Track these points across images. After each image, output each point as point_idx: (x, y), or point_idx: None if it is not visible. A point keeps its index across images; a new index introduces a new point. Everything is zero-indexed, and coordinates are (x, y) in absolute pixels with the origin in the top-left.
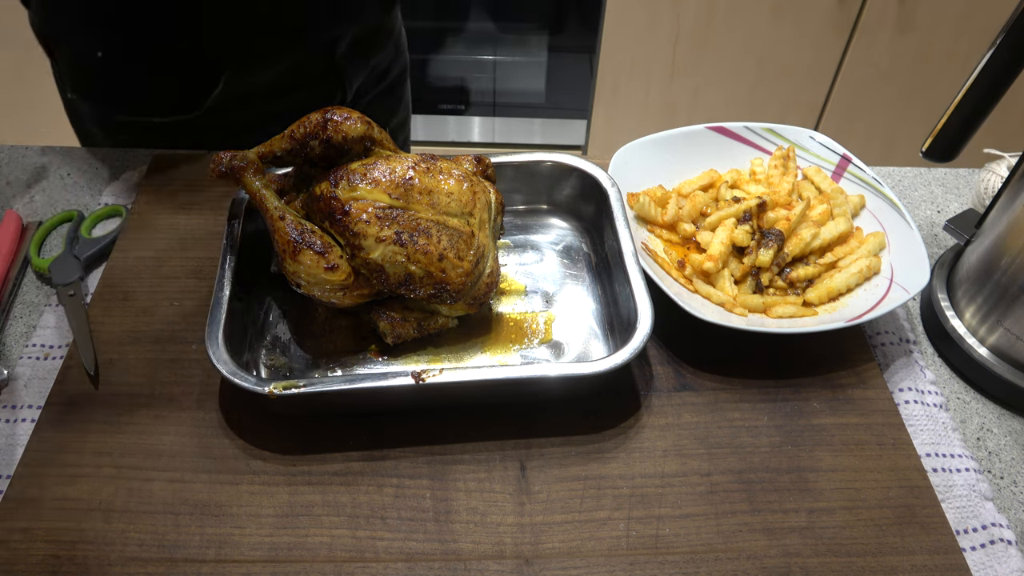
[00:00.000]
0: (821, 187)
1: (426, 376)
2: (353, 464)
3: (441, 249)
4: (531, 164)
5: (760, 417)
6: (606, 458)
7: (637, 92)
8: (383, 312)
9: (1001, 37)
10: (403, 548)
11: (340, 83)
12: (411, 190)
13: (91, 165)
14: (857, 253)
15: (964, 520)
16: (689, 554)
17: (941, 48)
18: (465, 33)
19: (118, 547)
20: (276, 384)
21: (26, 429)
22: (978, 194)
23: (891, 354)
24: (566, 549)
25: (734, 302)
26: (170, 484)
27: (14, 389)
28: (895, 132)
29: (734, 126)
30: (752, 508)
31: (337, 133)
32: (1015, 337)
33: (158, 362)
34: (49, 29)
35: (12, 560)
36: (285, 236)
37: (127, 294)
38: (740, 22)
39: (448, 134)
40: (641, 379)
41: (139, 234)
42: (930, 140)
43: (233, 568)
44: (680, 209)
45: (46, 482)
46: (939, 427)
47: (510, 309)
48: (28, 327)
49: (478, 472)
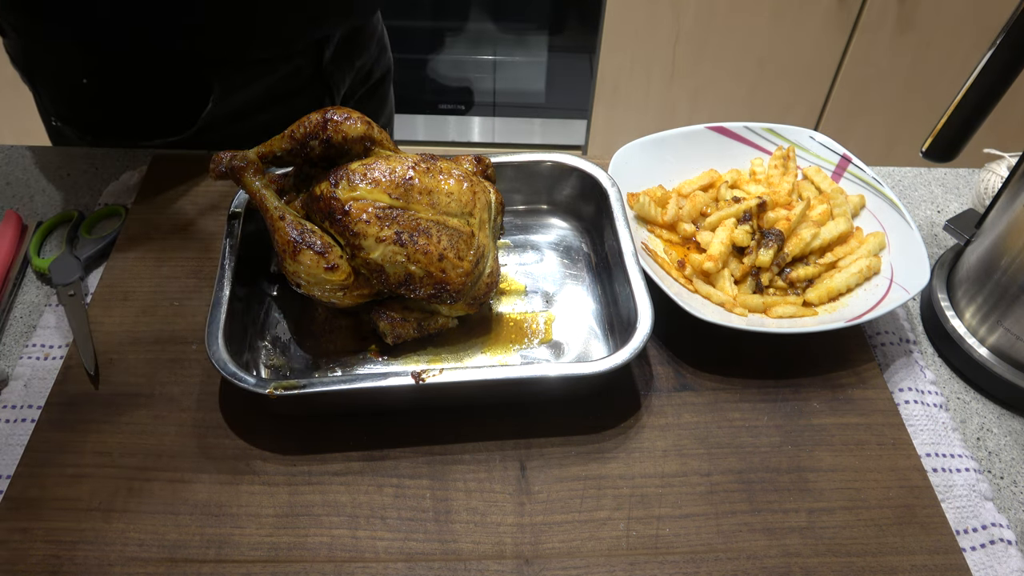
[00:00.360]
0: (821, 187)
1: (426, 376)
2: (353, 464)
3: (441, 249)
4: (531, 164)
5: (760, 417)
6: (606, 458)
7: (637, 92)
8: (383, 312)
9: (1001, 37)
10: (403, 548)
11: (328, 89)
12: (411, 190)
13: (91, 165)
14: (857, 253)
15: (964, 520)
16: (689, 554)
17: (941, 48)
18: (465, 33)
19: (118, 547)
20: (276, 384)
21: (26, 429)
22: (978, 194)
23: (891, 354)
24: (566, 549)
25: (734, 302)
26: (170, 484)
27: (14, 389)
28: (895, 132)
29: (734, 126)
30: (752, 508)
31: (337, 133)
32: (1015, 337)
33: (158, 362)
34: (28, 57)
35: (12, 560)
36: (285, 236)
37: (127, 294)
38: (740, 22)
39: (448, 134)
40: (641, 379)
41: (139, 234)
42: (930, 140)
43: (233, 568)
44: (680, 209)
45: (46, 482)
46: (939, 427)
47: (510, 309)
48: (28, 327)
49: (478, 472)
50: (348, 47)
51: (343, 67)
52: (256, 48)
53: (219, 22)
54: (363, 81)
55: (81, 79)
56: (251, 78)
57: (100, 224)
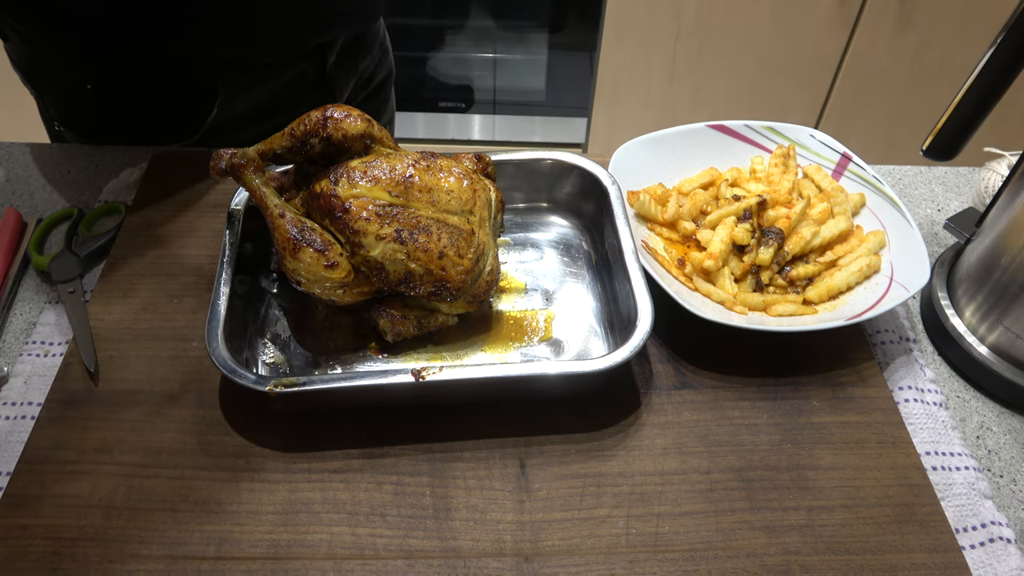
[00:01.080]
0: (821, 185)
1: (426, 374)
2: (353, 461)
3: (441, 247)
4: (531, 162)
5: (760, 415)
6: (606, 456)
7: (637, 90)
8: (383, 310)
9: (1001, 37)
10: (403, 545)
11: (331, 93)
12: (411, 188)
13: (91, 163)
14: (857, 251)
15: (963, 518)
16: (688, 552)
17: (941, 47)
18: (466, 31)
19: (118, 544)
20: (276, 381)
21: (26, 426)
22: (978, 193)
23: (891, 352)
24: (566, 547)
25: (734, 300)
26: (170, 481)
27: (14, 386)
28: (895, 130)
29: (734, 124)
30: (752, 506)
31: (337, 131)
32: (1015, 336)
33: (158, 359)
34: (31, 62)
35: (12, 557)
36: (285, 234)
37: (127, 291)
38: (741, 20)
39: (449, 132)
40: (641, 377)
41: (139, 232)
42: (931, 139)
43: (233, 565)
44: (680, 207)
45: (46, 479)
46: (939, 425)
47: (510, 307)
48: (28, 324)
49: (478, 470)
50: (351, 51)
51: (346, 71)
52: (259, 48)
53: (221, 16)
54: (365, 84)
55: (85, 85)
56: (255, 82)
57: (100, 221)
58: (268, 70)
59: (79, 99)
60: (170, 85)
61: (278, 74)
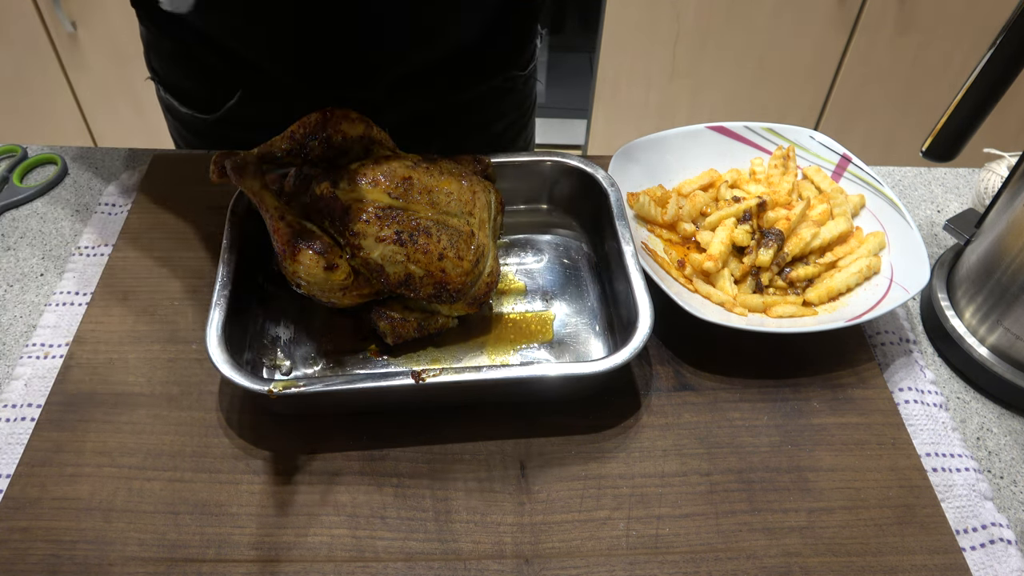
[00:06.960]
0: (821, 187)
1: (426, 376)
2: (353, 463)
3: (441, 248)
4: (531, 164)
5: (760, 417)
6: (606, 458)
7: (637, 92)
8: (383, 312)
9: (1001, 37)
10: (403, 548)
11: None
12: (411, 189)
13: (91, 164)
14: (857, 253)
15: (964, 520)
16: (689, 554)
17: (941, 48)
18: None
19: (118, 546)
20: (276, 384)
21: (26, 428)
22: (978, 194)
23: (891, 354)
24: (566, 549)
25: (734, 302)
26: (170, 483)
27: (14, 388)
28: (895, 132)
29: (734, 126)
30: (752, 508)
31: (337, 133)
32: (1015, 337)
33: (158, 362)
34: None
35: (12, 559)
36: (285, 236)
37: (127, 293)
38: (740, 21)
39: None
40: (641, 379)
41: (139, 234)
42: (930, 140)
43: (233, 567)
44: (680, 209)
45: (46, 481)
46: (939, 427)
47: (510, 309)
48: (28, 327)
49: (478, 472)
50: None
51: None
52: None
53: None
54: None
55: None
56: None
57: (34, 172)
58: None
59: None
60: (211, 62)
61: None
